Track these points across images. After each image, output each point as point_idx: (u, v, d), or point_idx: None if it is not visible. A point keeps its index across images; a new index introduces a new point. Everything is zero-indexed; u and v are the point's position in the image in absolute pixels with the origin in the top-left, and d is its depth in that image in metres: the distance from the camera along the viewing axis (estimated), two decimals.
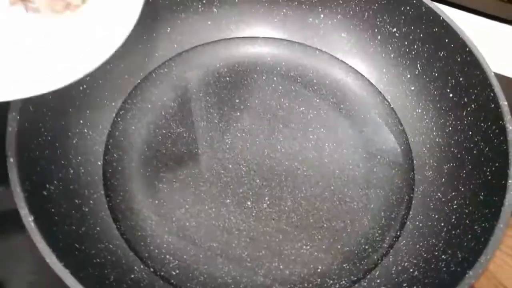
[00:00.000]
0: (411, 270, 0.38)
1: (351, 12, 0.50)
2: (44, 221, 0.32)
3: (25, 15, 0.33)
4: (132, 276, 0.37)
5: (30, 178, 0.33)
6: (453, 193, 0.40)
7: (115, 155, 0.44)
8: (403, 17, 0.47)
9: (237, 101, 0.49)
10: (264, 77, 0.51)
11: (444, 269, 0.35)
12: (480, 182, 0.38)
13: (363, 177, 0.45)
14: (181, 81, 0.50)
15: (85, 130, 0.43)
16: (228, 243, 0.41)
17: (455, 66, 0.43)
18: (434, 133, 0.45)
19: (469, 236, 0.35)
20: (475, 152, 0.40)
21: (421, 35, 0.46)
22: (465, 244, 0.35)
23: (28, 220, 0.30)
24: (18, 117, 0.34)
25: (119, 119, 0.46)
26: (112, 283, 0.34)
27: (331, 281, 0.40)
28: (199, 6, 0.51)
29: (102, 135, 0.45)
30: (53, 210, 0.35)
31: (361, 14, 0.50)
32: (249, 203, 0.43)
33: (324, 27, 0.52)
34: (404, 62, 0.48)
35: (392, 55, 0.49)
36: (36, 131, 0.37)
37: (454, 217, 0.39)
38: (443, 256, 0.36)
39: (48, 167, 0.37)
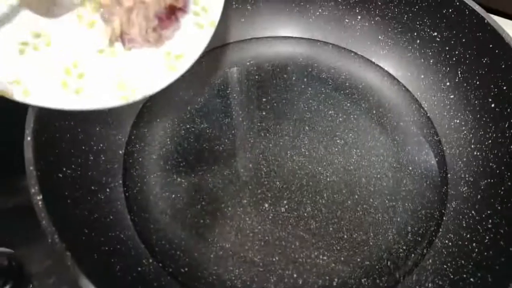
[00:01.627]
0: None
1: (389, 14, 0.48)
2: (54, 202, 0.32)
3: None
4: (139, 268, 0.36)
5: (45, 158, 0.33)
6: (489, 212, 0.37)
7: (137, 146, 0.44)
8: (444, 20, 0.44)
9: (264, 100, 0.48)
10: (294, 78, 0.49)
11: None
12: None
13: (391, 188, 0.42)
14: (210, 77, 0.49)
15: (109, 119, 0.44)
16: (241, 245, 0.39)
17: (498, 74, 0.40)
18: (472, 146, 0.42)
19: (503, 259, 0.32)
20: None
21: (464, 39, 0.43)
22: (497, 267, 0.31)
23: (36, 198, 0.30)
24: None
25: (144, 110, 0.46)
26: (116, 273, 0.34)
27: None
28: (233, 3, 0.50)
29: (126, 125, 0.45)
30: (66, 193, 0.35)
31: (400, 16, 0.47)
32: (266, 205, 0.41)
33: (360, 29, 0.50)
34: (444, 68, 0.45)
35: (431, 61, 0.46)
36: (59, 113, 0.37)
37: (487, 237, 0.35)
38: (471, 279, 0.33)
39: (67, 150, 0.37)
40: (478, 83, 0.42)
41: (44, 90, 0.32)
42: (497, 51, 0.39)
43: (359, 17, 0.50)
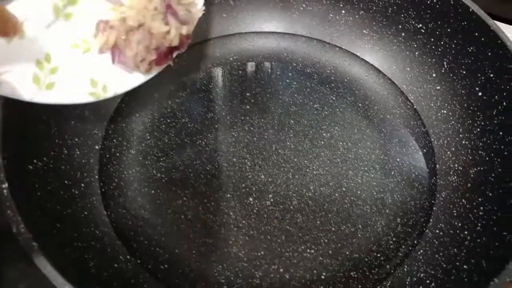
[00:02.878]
0: (427, 281, 0.33)
1: (374, 8, 0.47)
2: (22, 192, 0.30)
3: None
4: (116, 265, 0.34)
5: (14, 148, 0.31)
6: (480, 199, 0.36)
7: (114, 140, 0.42)
8: (429, 12, 0.43)
9: (247, 94, 0.46)
10: (278, 72, 0.48)
11: (466, 280, 0.30)
12: (510, 186, 0.33)
13: (379, 180, 0.41)
14: (192, 73, 0.48)
15: (86, 114, 0.42)
16: (225, 240, 0.37)
17: (485, 62, 0.39)
18: (461, 135, 0.41)
19: (497, 243, 0.30)
20: (506, 153, 0.35)
21: (449, 30, 0.42)
22: (491, 252, 0.30)
23: (1, 186, 0.28)
24: None
25: (123, 105, 0.45)
26: (90, 269, 0.31)
27: None
28: None
29: (103, 120, 0.43)
30: (37, 185, 0.33)
31: (385, 9, 0.47)
32: (251, 199, 0.40)
33: (345, 23, 0.50)
34: (429, 60, 0.45)
35: (417, 53, 0.46)
36: (29, 106, 0.35)
37: (480, 224, 0.34)
38: (465, 266, 0.32)
39: (38, 142, 0.35)
40: (464, 72, 0.41)
41: (15, 83, 0.30)
42: (483, 39, 0.39)
43: (343, 11, 0.49)
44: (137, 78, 0.34)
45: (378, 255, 0.37)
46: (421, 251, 0.36)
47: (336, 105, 0.46)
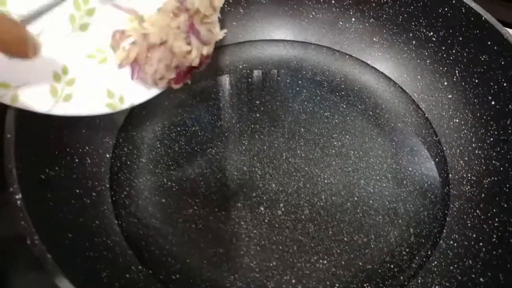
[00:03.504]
0: None
1: (384, 16, 0.47)
2: (34, 203, 0.29)
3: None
4: (127, 275, 0.34)
5: (26, 158, 0.31)
6: (494, 210, 0.35)
7: (125, 149, 0.42)
8: (440, 20, 0.43)
9: (257, 102, 0.46)
10: (288, 80, 0.48)
11: None
12: None
13: (391, 190, 0.41)
14: (201, 81, 0.48)
15: (97, 121, 0.42)
16: (236, 250, 0.37)
17: (498, 71, 0.39)
18: (473, 145, 0.40)
19: None
20: None
21: (461, 38, 0.42)
22: (509, 266, 0.30)
23: (15, 197, 0.27)
24: None
25: (133, 113, 0.44)
26: (102, 279, 0.31)
27: None
28: (225, 6, 0.49)
29: (114, 128, 0.43)
30: (49, 195, 0.33)
31: (395, 17, 0.47)
32: (262, 208, 0.39)
33: (355, 31, 0.49)
34: (441, 68, 0.44)
35: (428, 61, 0.46)
36: (42, 115, 0.35)
37: (495, 236, 0.34)
38: (481, 279, 0.31)
39: (50, 151, 0.35)
40: (477, 81, 0.41)
41: (33, 96, 0.30)
42: (495, 48, 0.39)
43: (353, 19, 0.49)
44: (154, 89, 0.35)
45: (392, 266, 0.36)
46: (435, 262, 0.36)
47: (347, 113, 0.46)
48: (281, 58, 0.50)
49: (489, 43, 0.39)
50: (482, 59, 0.40)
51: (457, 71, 0.43)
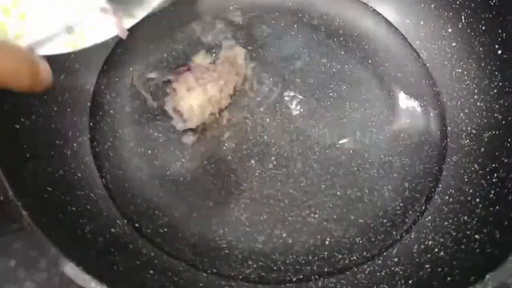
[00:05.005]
0: (436, 250, 0.32)
1: None
2: (8, 154, 0.27)
3: None
4: (112, 230, 0.33)
5: (1, 107, 0.29)
6: (494, 165, 0.34)
7: (107, 96, 0.39)
8: None
9: (249, 48, 0.43)
10: (282, 24, 0.45)
11: (478, 250, 0.29)
12: None
13: (387, 142, 0.39)
14: (188, 23, 0.44)
15: (76, 66, 0.39)
16: (226, 203, 0.36)
17: (508, 17, 0.36)
18: (476, 96, 0.39)
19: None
20: None
21: None
22: (506, 223, 0.29)
23: None
24: None
25: (114, 56, 0.41)
26: (86, 235, 0.30)
27: (340, 256, 0.35)
28: None
29: (94, 72, 0.40)
30: (24, 146, 0.30)
31: None
32: (253, 161, 0.38)
33: None
34: (446, 13, 0.41)
35: (432, 5, 0.42)
36: None
37: (493, 192, 0.33)
38: (476, 236, 0.30)
39: (25, 100, 0.33)
40: (484, 28, 0.38)
41: None
42: None
43: None
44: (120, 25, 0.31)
45: (385, 221, 0.36)
46: (429, 217, 0.35)
47: (344, 60, 0.43)
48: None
49: None
50: (491, 3, 0.37)
51: (463, 17, 0.40)
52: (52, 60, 0.30)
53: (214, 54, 0.41)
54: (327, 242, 0.35)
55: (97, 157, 0.36)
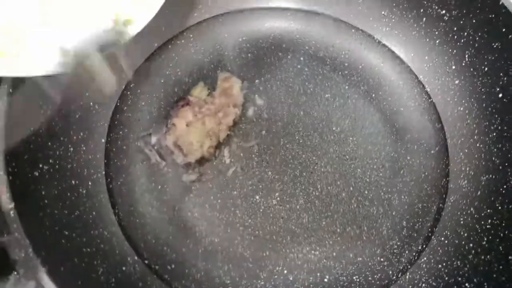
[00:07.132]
0: None
1: None
2: (29, 206, 0.30)
3: None
4: (124, 268, 0.35)
5: (19, 158, 0.31)
6: (488, 211, 0.35)
7: (120, 132, 0.42)
8: None
9: (256, 81, 0.44)
10: (289, 56, 0.46)
11: None
12: None
13: (387, 180, 0.40)
14: (197, 55, 0.46)
15: (91, 104, 0.41)
16: (231, 239, 0.38)
17: (509, 61, 0.37)
18: (475, 137, 0.39)
19: (501, 267, 0.30)
20: None
21: (474, 20, 0.39)
22: (495, 275, 0.30)
23: (7, 207, 0.28)
24: (10, 90, 0.31)
25: (128, 92, 0.43)
26: (99, 277, 0.32)
27: None
28: None
29: (109, 109, 0.42)
30: (43, 192, 0.33)
31: None
32: (257, 197, 0.39)
33: (363, 2, 0.46)
34: (450, 50, 0.42)
35: (437, 41, 0.43)
36: (33, 105, 0.35)
37: (486, 239, 0.34)
38: (467, 284, 0.32)
39: (43, 144, 0.35)
40: (486, 69, 0.39)
41: None
42: (510, 36, 0.36)
43: None
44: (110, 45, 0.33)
45: (382, 259, 0.37)
46: (425, 258, 0.37)
47: (349, 95, 0.44)
48: (283, 30, 0.47)
49: (504, 30, 0.37)
50: (495, 46, 0.38)
51: (466, 56, 0.41)
52: (66, 100, 0.32)
53: (209, 88, 0.43)
54: (326, 280, 0.37)
55: (111, 194, 0.39)
